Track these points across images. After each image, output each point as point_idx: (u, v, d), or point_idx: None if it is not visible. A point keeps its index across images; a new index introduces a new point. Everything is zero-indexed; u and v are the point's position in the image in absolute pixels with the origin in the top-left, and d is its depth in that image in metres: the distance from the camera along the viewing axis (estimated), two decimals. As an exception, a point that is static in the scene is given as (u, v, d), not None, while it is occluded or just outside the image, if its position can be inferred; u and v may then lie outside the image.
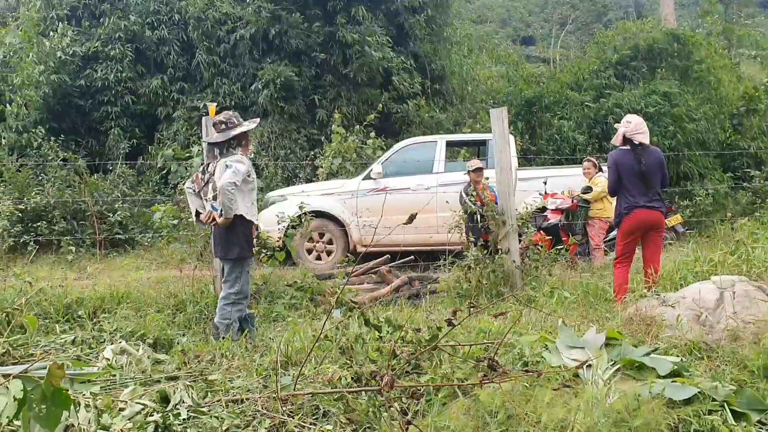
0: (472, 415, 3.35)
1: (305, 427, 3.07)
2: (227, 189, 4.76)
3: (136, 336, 4.95)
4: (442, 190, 8.71)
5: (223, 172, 4.92)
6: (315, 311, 5.82)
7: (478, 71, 19.04)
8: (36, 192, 10.35)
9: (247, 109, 13.14)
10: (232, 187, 4.78)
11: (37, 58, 12.90)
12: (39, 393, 2.02)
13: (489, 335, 4.51)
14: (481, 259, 6.21)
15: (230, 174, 4.79)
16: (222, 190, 4.77)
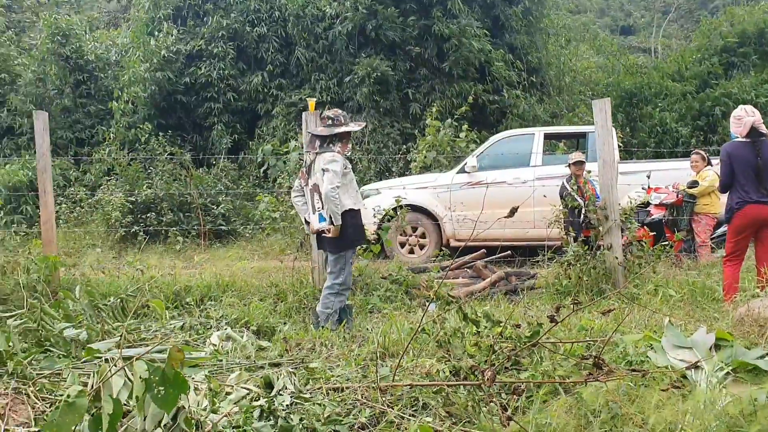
0: (574, 414, 3.27)
1: (404, 418, 3.09)
2: (331, 196, 4.92)
3: (240, 323, 5.13)
4: (540, 183, 8.54)
5: (321, 173, 5.05)
6: (410, 304, 5.85)
7: (576, 62, 18.52)
8: (145, 185, 10.92)
9: (342, 104, 13.35)
10: (335, 192, 4.93)
11: (144, 56, 13.60)
12: (159, 375, 2.13)
13: (590, 333, 4.40)
14: (582, 255, 6.05)
15: (329, 179, 4.93)
16: (327, 198, 4.94)
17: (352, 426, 3.08)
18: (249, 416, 3.06)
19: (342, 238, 5.08)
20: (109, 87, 14.50)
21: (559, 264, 6.27)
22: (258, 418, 3.06)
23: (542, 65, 15.71)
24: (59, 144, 13.37)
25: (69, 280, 5.96)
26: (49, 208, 6.21)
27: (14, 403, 3.26)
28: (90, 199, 11.13)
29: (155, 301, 3.22)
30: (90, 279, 6.08)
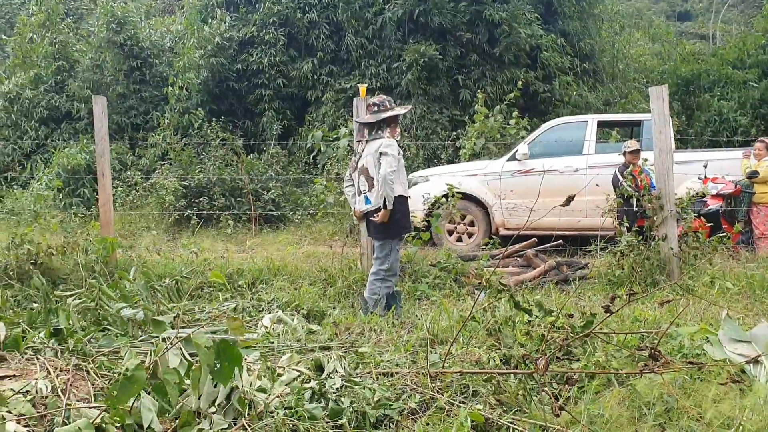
0: (627, 406, 3.23)
1: (454, 405, 3.09)
2: (389, 179, 4.92)
3: (291, 306, 5.20)
4: (592, 172, 8.38)
5: (374, 156, 5.06)
6: (459, 292, 5.83)
7: (630, 49, 18.06)
8: (198, 170, 11.13)
9: (391, 90, 13.33)
10: (393, 176, 4.93)
11: (198, 43, 13.81)
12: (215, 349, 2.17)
13: (644, 324, 4.32)
14: (636, 245, 5.93)
15: (387, 161, 4.93)
16: (384, 180, 4.93)
17: (402, 411, 3.09)
18: (300, 398, 3.10)
19: (389, 224, 5.09)
20: (163, 73, 14.78)
21: (612, 254, 6.16)
22: (309, 400, 3.10)
23: (595, 52, 15.39)
24: (115, 129, 13.71)
25: (125, 262, 6.13)
26: (107, 191, 6.38)
27: (75, 379, 3.37)
28: (145, 183, 11.40)
29: (215, 272, 3.27)
30: (146, 261, 6.24)
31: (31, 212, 9.17)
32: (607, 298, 5.36)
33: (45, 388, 3.07)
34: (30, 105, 14.31)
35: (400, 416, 3.06)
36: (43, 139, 13.99)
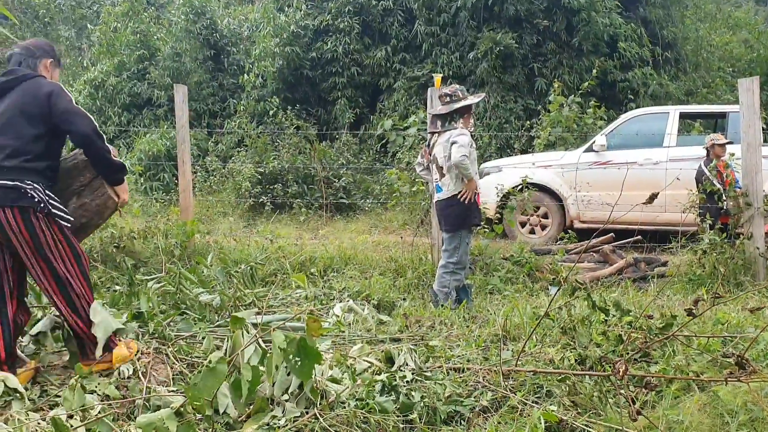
0: (708, 413, 3.11)
1: (527, 405, 3.04)
2: (461, 162, 4.86)
3: (361, 296, 5.23)
4: (673, 165, 8.06)
5: (444, 146, 5.02)
6: (532, 287, 5.73)
7: (715, 37, 17.25)
8: (273, 157, 11.34)
9: (464, 78, 13.18)
10: (465, 159, 4.87)
11: (274, 31, 14.01)
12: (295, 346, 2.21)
13: (728, 328, 4.15)
14: (719, 244, 5.69)
15: (457, 149, 4.87)
16: (457, 165, 4.88)
17: (473, 408, 3.07)
18: (371, 390, 3.11)
19: (457, 217, 5.04)
20: (240, 61, 15.09)
21: (693, 252, 5.93)
22: (380, 393, 3.12)
23: (678, 40, 14.77)
24: (193, 115, 14.11)
25: (203, 247, 6.31)
26: (187, 177, 6.56)
27: (155, 362, 3.50)
28: (222, 169, 11.70)
29: (298, 276, 3.32)
30: (222, 246, 6.40)
31: (114, 196, 9.55)
32: (687, 298, 5.19)
33: (127, 371, 3.21)
34: (113, 92, 14.87)
35: (472, 413, 3.04)
36: (125, 124, 14.52)
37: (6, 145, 2.96)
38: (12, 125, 2.99)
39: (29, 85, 3.07)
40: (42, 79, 3.12)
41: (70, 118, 3.00)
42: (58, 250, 3.00)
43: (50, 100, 3.00)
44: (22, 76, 3.10)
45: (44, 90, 3.04)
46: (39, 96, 3.02)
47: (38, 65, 3.21)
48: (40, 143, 3.01)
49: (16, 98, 3.04)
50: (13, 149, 2.96)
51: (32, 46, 3.26)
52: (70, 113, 3.00)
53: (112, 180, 3.19)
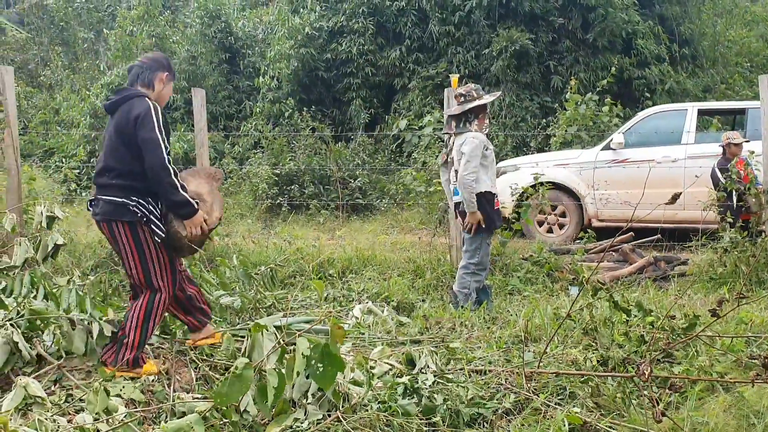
0: (734, 414, 3.09)
1: (550, 407, 3.04)
2: (468, 183, 4.84)
3: (380, 298, 5.24)
4: (692, 163, 7.99)
5: (458, 151, 5.00)
6: (552, 287, 5.71)
7: (732, 32, 17.08)
8: (289, 158, 11.37)
9: (480, 77, 13.14)
10: (472, 177, 4.84)
11: (289, 33, 14.04)
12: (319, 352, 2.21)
13: (751, 328, 4.11)
14: (740, 242, 5.63)
15: (464, 164, 4.85)
16: (463, 184, 4.86)
17: (496, 410, 3.07)
18: (393, 392, 3.12)
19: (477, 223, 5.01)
20: (255, 64, 15.14)
21: (714, 250, 5.88)
22: (402, 395, 3.12)
23: (695, 36, 14.63)
24: (210, 118, 14.15)
25: (222, 249, 6.34)
26: (205, 180, 6.59)
27: (178, 365, 3.53)
28: (239, 171, 11.75)
29: (317, 282, 3.33)
30: (241, 248, 6.43)
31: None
32: (708, 297, 5.15)
33: (151, 375, 3.23)
34: (130, 95, 14.95)
35: (494, 416, 3.04)
36: (142, 128, 14.59)
37: (113, 166, 3.25)
38: (114, 147, 3.26)
39: (127, 107, 3.25)
40: (137, 100, 3.26)
41: (145, 146, 3.17)
42: (158, 260, 3.31)
43: (136, 125, 3.18)
44: (125, 97, 3.30)
45: (134, 113, 3.20)
46: (130, 119, 3.20)
47: (154, 79, 3.40)
48: (138, 163, 3.21)
49: (117, 119, 3.27)
50: (117, 169, 3.24)
51: (149, 60, 3.46)
52: (146, 142, 3.16)
53: (176, 214, 3.30)
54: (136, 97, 3.28)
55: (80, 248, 6.35)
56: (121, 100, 3.30)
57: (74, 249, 6.27)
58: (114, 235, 3.27)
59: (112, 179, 3.24)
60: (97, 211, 3.30)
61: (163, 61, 3.51)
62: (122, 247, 3.27)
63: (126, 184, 3.23)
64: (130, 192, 3.22)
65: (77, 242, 6.44)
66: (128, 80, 3.43)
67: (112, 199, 3.22)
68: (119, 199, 3.21)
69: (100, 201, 3.28)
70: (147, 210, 3.23)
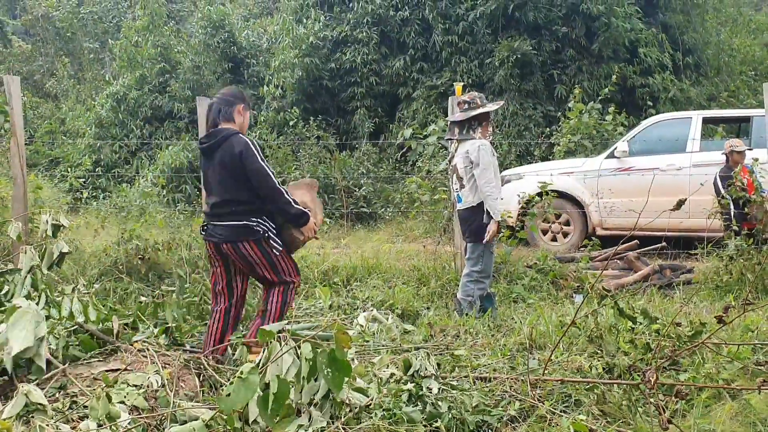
0: (740, 421, 3.06)
1: (556, 414, 3.02)
2: (489, 192, 4.89)
3: (385, 305, 5.23)
4: (696, 171, 7.98)
5: (464, 158, 5.01)
6: (556, 295, 5.70)
7: (736, 41, 17.09)
8: (294, 167, 11.39)
9: (483, 86, 13.17)
10: (492, 184, 4.89)
11: (293, 43, 14.10)
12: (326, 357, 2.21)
13: (757, 335, 4.09)
14: (746, 250, 5.62)
15: (481, 174, 4.89)
16: (484, 195, 4.92)
17: (501, 418, 3.05)
18: (397, 399, 3.11)
19: (480, 227, 5.01)
20: (260, 73, 15.19)
21: (719, 258, 5.86)
22: (406, 402, 3.10)
23: (699, 44, 14.65)
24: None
25: (226, 257, 6.33)
26: (210, 188, 6.60)
27: (182, 372, 3.52)
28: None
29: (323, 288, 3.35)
30: (245, 257, 6.42)
31: (138, 208, 9.65)
32: (714, 304, 5.13)
33: (155, 382, 3.23)
34: (135, 105, 15.03)
35: (500, 423, 3.03)
36: (147, 137, 14.68)
37: (231, 198, 3.73)
38: (226, 180, 3.74)
39: (227, 145, 3.71)
40: (234, 138, 3.72)
41: (256, 177, 3.67)
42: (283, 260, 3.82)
43: (242, 159, 3.66)
44: (222, 138, 3.74)
45: (237, 150, 3.67)
46: (234, 155, 3.67)
47: (233, 113, 3.83)
48: (248, 190, 3.72)
49: (221, 157, 3.73)
50: (235, 199, 3.72)
51: (227, 96, 3.88)
52: (254, 173, 3.66)
53: (294, 224, 3.82)
54: (231, 135, 3.73)
55: (85, 257, 6.36)
56: (219, 141, 3.74)
57: (79, 257, 6.28)
58: (241, 252, 3.72)
59: (231, 207, 3.73)
60: (218, 233, 3.76)
61: (237, 94, 3.95)
62: (252, 261, 3.73)
63: (245, 209, 3.71)
64: (249, 214, 3.71)
65: (82, 250, 6.45)
66: (211, 118, 3.84)
67: (235, 224, 3.71)
68: (242, 222, 3.69)
69: (219, 227, 3.76)
70: (265, 227, 3.73)
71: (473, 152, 4.95)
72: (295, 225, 3.81)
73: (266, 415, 2.10)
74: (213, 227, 3.81)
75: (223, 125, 3.80)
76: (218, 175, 3.76)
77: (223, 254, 3.82)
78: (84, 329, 3.50)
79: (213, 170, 3.79)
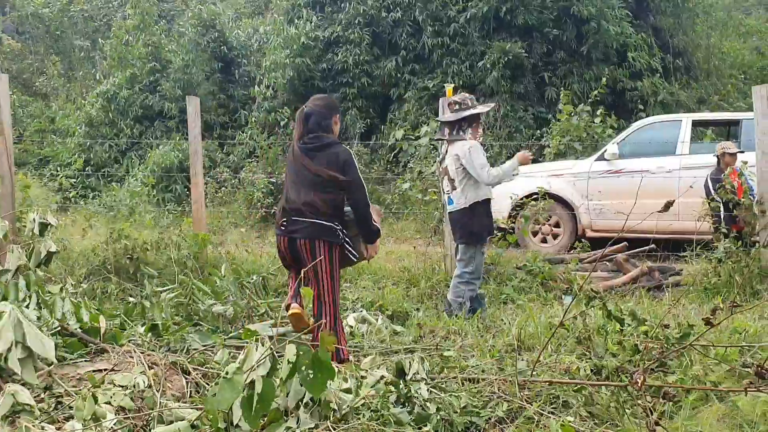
0: (727, 423, 3.08)
1: (543, 416, 3.02)
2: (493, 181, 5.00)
3: (375, 306, 5.22)
4: (686, 174, 8.02)
5: (455, 159, 5.01)
6: (546, 296, 5.70)
7: (727, 44, 17.19)
8: (284, 167, 11.35)
9: (474, 87, 13.19)
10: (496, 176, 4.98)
11: (284, 43, 14.07)
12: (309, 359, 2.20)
13: (745, 337, 4.11)
14: (735, 252, 5.64)
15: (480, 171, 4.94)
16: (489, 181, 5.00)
17: (489, 419, 3.05)
18: (386, 401, 3.10)
19: (471, 229, 5.02)
20: (251, 73, 15.15)
21: (708, 260, 5.88)
22: (394, 404, 3.10)
23: (688, 48, 14.73)
24: (205, 127, 14.14)
25: (215, 258, 6.31)
26: (199, 188, 6.59)
27: (170, 373, 3.50)
28: (233, 180, 11.72)
29: (306, 290, 3.34)
30: (234, 257, 6.40)
31: (127, 208, 9.61)
32: (702, 307, 5.15)
33: (142, 383, 3.20)
34: (126, 104, 14.96)
35: (487, 425, 3.02)
36: (137, 136, 14.61)
37: (323, 198, 3.85)
38: (323, 182, 3.85)
39: (332, 152, 3.91)
40: (339, 147, 3.96)
41: (353, 187, 3.89)
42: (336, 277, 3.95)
43: (344, 168, 3.86)
44: (325, 144, 3.93)
45: (342, 158, 3.89)
46: (338, 162, 3.86)
47: (332, 124, 4.05)
48: (339, 197, 3.90)
49: (322, 160, 3.87)
50: (325, 200, 3.85)
51: (324, 108, 4.06)
52: (353, 183, 3.89)
53: (367, 239, 4.06)
54: (336, 143, 3.98)
55: (74, 256, 6.32)
56: (323, 145, 3.92)
57: (68, 257, 6.24)
58: (315, 250, 3.83)
59: (321, 208, 3.84)
60: (298, 228, 3.87)
61: (331, 104, 4.17)
62: (320, 263, 3.83)
63: (332, 213, 3.86)
64: (335, 219, 3.88)
65: (71, 250, 6.41)
66: (310, 126, 3.97)
67: (322, 223, 3.83)
68: (327, 223, 3.84)
69: (300, 222, 3.86)
70: (344, 234, 3.92)
71: (464, 154, 4.96)
72: (367, 240, 4.05)
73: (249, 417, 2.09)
74: (293, 222, 3.90)
75: (321, 133, 3.97)
76: (314, 175, 3.88)
77: (294, 251, 3.92)
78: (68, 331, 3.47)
79: (312, 171, 3.89)
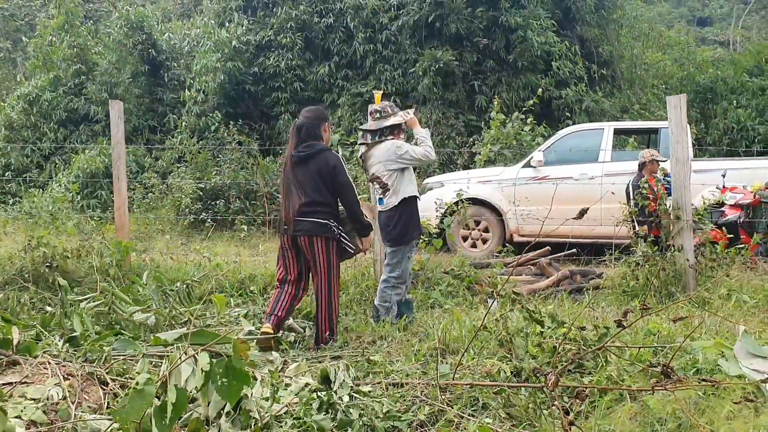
0: (639, 422, 3.19)
1: (464, 418, 3.07)
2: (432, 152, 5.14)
3: (302, 314, 5.19)
4: (608, 180, 8.31)
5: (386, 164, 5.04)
6: (472, 300, 5.79)
7: (649, 55, 17.92)
8: (214, 172, 11.18)
9: (407, 95, 13.32)
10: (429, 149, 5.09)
11: (215, 46, 13.87)
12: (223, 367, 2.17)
13: (658, 338, 4.27)
14: (651, 256, 5.86)
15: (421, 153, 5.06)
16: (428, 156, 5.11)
17: (411, 423, 3.08)
18: (308, 408, 3.09)
19: (399, 231, 5.05)
20: (181, 77, 14.87)
21: (627, 264, 6.09)
22: (317, 411, 3.09)
23: (614, 58, 15.28)
24: (132, 131, 13.81)
25: (139, 265, 6.16)
26: (123, 194, 6.41)
27: (86, 384, 3.38)
28: (161, 186, 11.46)
29: (217, 296, 3.30)
30: (159, 264, 6.26)
31: (48, 214, 9.25)
32: (620, 309, 5.32)
33: (56, 395, 3.09)
34: (49, 107, 14.45)
35: (409, 428, 3.05)
36: (61, 141, 14.12)
37: (318, 200, 4.45)
38: (317, 185, 4.46)
39: (322, 157, 4.47)
40: (329, 153, 4.53)
41: (343, 190, 4.52)
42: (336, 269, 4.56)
43: (334, 172, 4.45)
44: (317, 150, 4.48)
45: (331, 163, 4.46)
46: (328, 167, 4.45)
47: (321, 132, 4.59)
48: (332, 197, 4.51)
49: (314, 166, 4.46)
50: (320, 201, 4.46)
51: (314, 118, 4.59)
52: (342, 185, 4.50)
53: (361, 233, 4.69)
54: (326, 150, 4.52)
55: (-12, 265, 6.05)
56: (314, 153, 4.47)
57: (-19, 265, 5.96)
58: (313, 246, 4.43)
59: (317, 208, 4.43)
60: (298, 228, 4.44)
61: (321, 115, 4.68)
62: (317, 257, 4.45)
63: (327, 212, 4.46)
64: (329, 216, 4.46)
65: (-16, 259, 6.13)
66: (302, 136, 4.51)
67: (318, 221, 4.42)
68: (323, 221, 4.42)
69: (302, 222, 4.42)
70: (339, 230, 4.49)
71: (396, 155, 5.00)
72: (361, 234, 4.65)
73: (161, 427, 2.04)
74: (294, 222, 4.44)
75: (312, 142, 4.49)
76: (312, 180, 4.44)
77: (297, 247, 4.49)
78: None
79: (306, 176, 4.45)
